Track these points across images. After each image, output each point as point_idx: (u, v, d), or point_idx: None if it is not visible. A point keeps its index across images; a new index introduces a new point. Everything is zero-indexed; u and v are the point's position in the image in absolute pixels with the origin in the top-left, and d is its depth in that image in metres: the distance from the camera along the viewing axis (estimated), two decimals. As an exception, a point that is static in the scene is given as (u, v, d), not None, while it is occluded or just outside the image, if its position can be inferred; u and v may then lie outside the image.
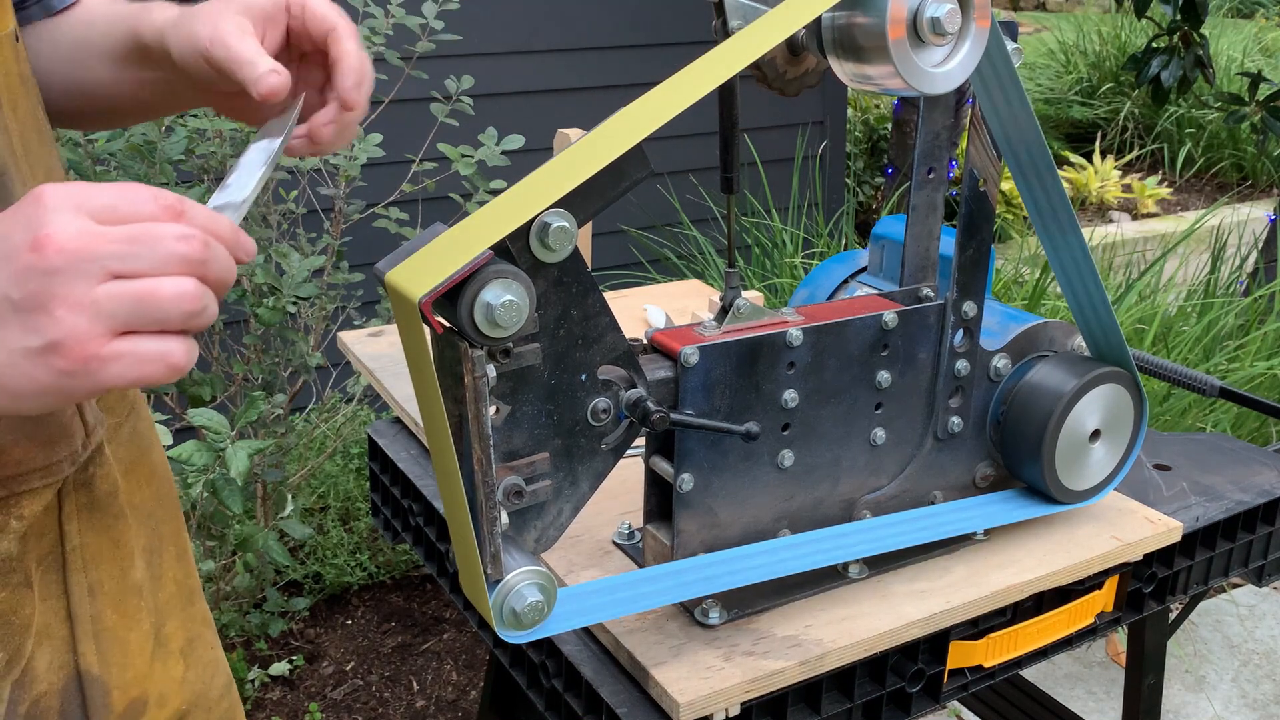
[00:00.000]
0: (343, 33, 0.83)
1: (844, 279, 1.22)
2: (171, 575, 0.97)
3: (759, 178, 3.74)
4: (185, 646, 0.97)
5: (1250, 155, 6.36)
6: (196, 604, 1.01)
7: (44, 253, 0.56)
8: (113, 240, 0.57)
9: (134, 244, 0.58)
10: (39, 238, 0.56)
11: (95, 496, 0.86)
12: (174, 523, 0.99)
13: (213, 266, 0.60)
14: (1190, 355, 3.09)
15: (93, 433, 0.85)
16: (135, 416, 0.95)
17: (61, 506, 0.84)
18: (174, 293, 0.58)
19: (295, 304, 2.10)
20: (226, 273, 0.61)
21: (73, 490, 0.84)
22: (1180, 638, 2.55)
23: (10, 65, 0.79)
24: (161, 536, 0.96)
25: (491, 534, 0.80)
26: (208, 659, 1.01)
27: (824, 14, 0.88)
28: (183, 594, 0.99)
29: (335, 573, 2.57)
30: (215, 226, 0.62)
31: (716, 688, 0.88)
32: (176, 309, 0.58)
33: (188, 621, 0.99)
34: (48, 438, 0.80)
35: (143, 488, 0.94)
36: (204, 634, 1.01)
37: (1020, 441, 1.06)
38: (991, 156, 1.00)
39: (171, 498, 1.00)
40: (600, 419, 0.86)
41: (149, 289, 0.57)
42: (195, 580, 1.02)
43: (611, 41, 3.61)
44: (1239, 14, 9.53)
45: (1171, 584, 1.24)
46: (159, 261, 0.58)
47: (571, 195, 0.77)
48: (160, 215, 0.59)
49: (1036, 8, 10.83)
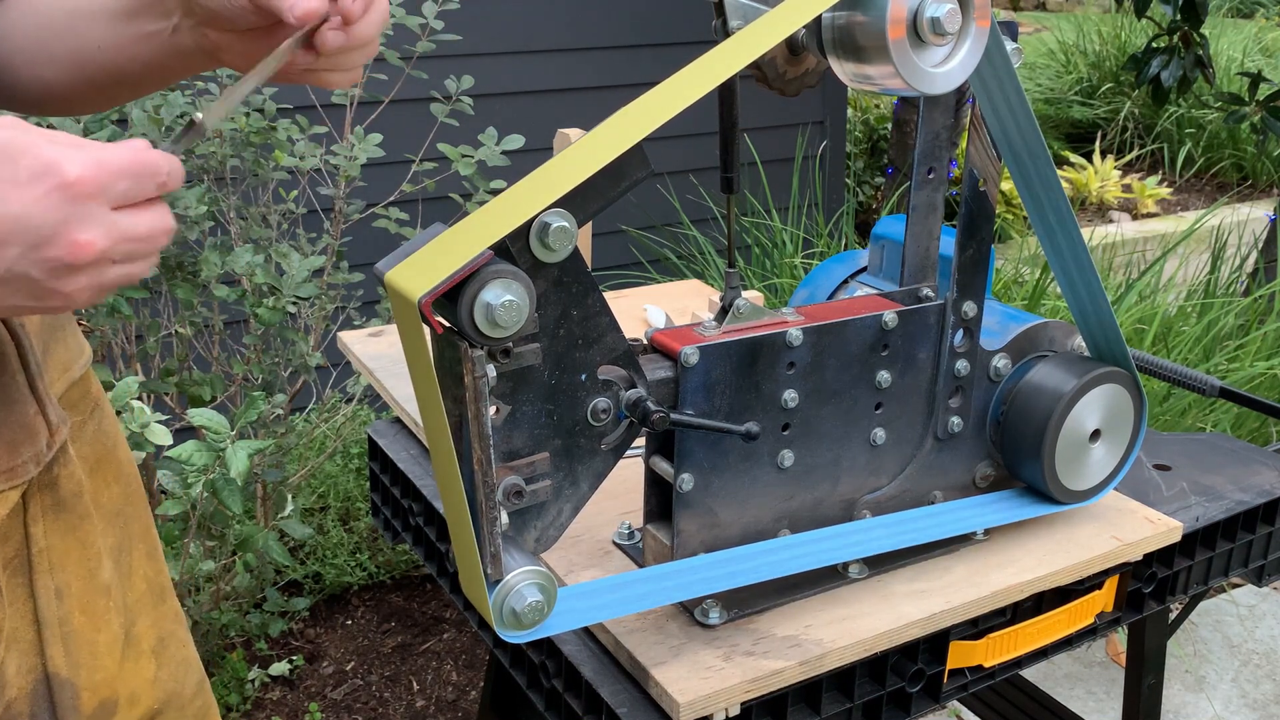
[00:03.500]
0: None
1: (844, 279, 1.22)
2: (141, 574, 0.96)
3: (759, 178, 3.74)
4: (157, 645, 0.96)
5: (1250, 155, 6.36)
6: (168, 602, 1.00)
7: (84, 254, 0.64)
8: (132, 240, 0.66)
9: (145, 243, 0.67)
10: (79, 242, 0.63)
11: (61, 497, 0.85)
12: (143, 521, 0.97)
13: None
14: (1190, 355, 3.09)
15: (56, 432, 0.83)
16: (99, 414, 0.94)
17: (26, 509, 0.82)
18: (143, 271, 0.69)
19: (295, 304, 2.10)
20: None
21: (37, 492, 0.83)
22: (1180, 638, 2.55)
23: None
24: (130, 535, 0.95)
25: (491, 534, 0.80)
26: (180, 657, 0.99)
27: (824, 14, 0.88)
28: (153, 592, 0.97)
29: (335, 573, 2.57)
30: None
31: (716, 688, 0.88)
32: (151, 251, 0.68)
33: (159, 620, 0.97)
34: (11, 440, 0.79)
35: (110, 486, 0.93)
36: (176, 632, 1.00)
37: (1020, 441, 1.06)
38: (991, 156, 1.00)
39: (139, 495, 0.98)
40: (600, 419, 0.86)
41: (138, 273, 0.68)
42: (166, 578, 1.00)
43: (611, 41, 3.61)
44: (1239, 14, 9.53)
45: (1171, 584, 1.24)
46: (150, 253, 0.68)
47: (571, 195, 0.77)
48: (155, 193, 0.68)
49: (1036, 8, 10.83)
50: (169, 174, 0.68)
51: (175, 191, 2.02)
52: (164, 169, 0.67)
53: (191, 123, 0.72)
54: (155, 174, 0.67)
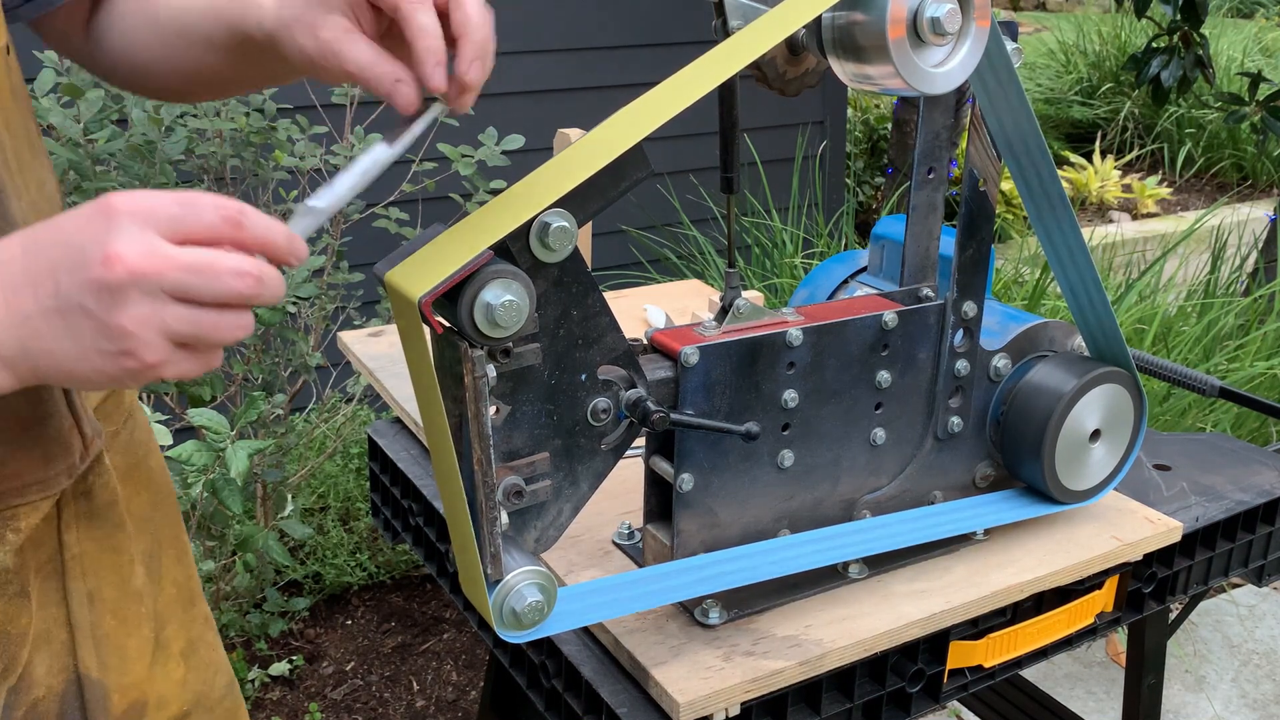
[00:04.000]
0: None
1: (844, 279, 1.22)
2: (171, 578, 0.97)
3: (759, 178, 3.73)
4: (186, 649, 0.98)
5: (1250, 155, 6.36)
6: (197, 605, 1.01)
7: (114, 269, 0.61)
8: (177, 267, 0.63)
9: (195, 274, 0.63)
10: (109, 254, 0.61)
11: (94, 506, 0.86)
12: (173, 526, 0.99)
13: (263, 295, 0.66)
14: (1190, 355, 3.09)
15: (90, 444, 0.85)
16: (133, 423, 0.95)
17: (60, 516, 0.84)
18: (229, 325, 0.65)
19: (295, 304, 2.10)
20: (274, 296, 0.66)
21: (71, 499, 0.84)
22: (1180, 638, 2.54)
23: (2, 80, 0.78)
24: (161, 541, 0.97)
25: (491, 534, 0.80)
26: (209, 660, 1.01)
27: (824, 14, 0.88)
28: (183, 596, 0.99)
29: (335, 573, 2.57)
30: (269, 238, 0.66)
31: (716, 688, 0.88)
32: (230, 336, 0.66)
33: (188, 624, 0.99)
34: (45, 452, 0.80)
35: (141, 493, 0.94)
36: (205, 635, 1.01)
37: (1020, 441, 1.06)
38: (991, 156, 1.00)
39: (170, 501, 1.00)
40: (600, 419, 0.86)
41: (210, 323, 0.65)
42: (195, 582, 1.02)
43: (611, 41, 3.61)
44: (1239, 14, 9.53)
45: (1171, 584, 1.24)
46: (217, 294, 0.64)
47: (571, 195, 0.77)
48: (220, 227, 0.64)
49: (1036, 8, 10.83)
50: (240, 211, 0.65)
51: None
52: (234, 206, 0.65)
53: (306, 207, 0.72)
54: (213, 205, 0.65)
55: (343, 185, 0.73)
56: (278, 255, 0.67)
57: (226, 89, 0.99)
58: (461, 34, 0.76)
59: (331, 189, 0.72)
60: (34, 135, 0.84)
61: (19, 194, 0.78)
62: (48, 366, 0.65)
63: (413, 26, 0.74)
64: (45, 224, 0.65)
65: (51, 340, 0.63)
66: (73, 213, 0.65)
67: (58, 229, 0.64)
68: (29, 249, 0.64)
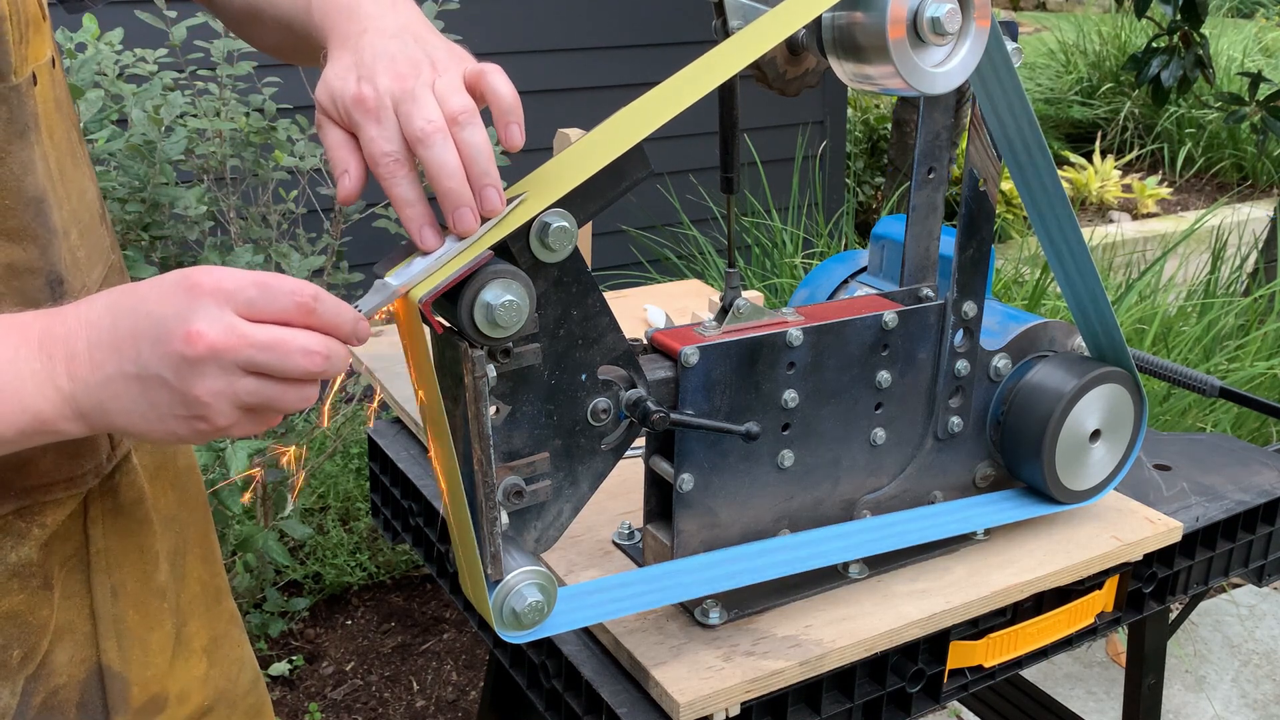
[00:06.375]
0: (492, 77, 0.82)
1: (844, 279, 1.22)
2: (196, 576, 0.99)
3: (759, 178, 3.73)
4: (209, 645, 1.00)
5: (1250, 155, 6.36)
6: (223, 603, 1.04)
7: (194, 346, 0.66)
8: (251, 345, 0.68)
9: (268, 352, 0.68)
10: (190, 332, 0.66)
11: (120, 503, 0.88)
12: (201, 525, 1.01)
13: (329, 371, 0.71)
14: (1190, 355, 3.09)
15: (118, 444, 0.87)
16: None
17: (87, 512, 0.85)
18: (295, 396, 0.71)
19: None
20: (339, 370, 0.72)
21: (98, 497, 0.86)
22: (1180, 638, 2.55)
23: (48, 93, 0.80)
24: (187, 540, 0.98)
25: (491, 534, 0.80)
26: (233, 656, 1.03)
27: (824, 14, 0.88)
28: (208, 594, 1.01)
29: (335, 573, 2.57)
30: (338, 322, 0.71)
31: (716, 688, 0.88)
32: (295, 406, 0.72)
33: (212, 621, 1.01)
34: (74, 450, 0.82)
35: (168, 492, 0.96)
36: (230, 632, 1.04)
37: (1020, 441, 1.06)
38: (991, 156, 1.00)
39: (199, 501, 1.01)
40: (600, 419, 0.86)
41: (277, 394, 0.70)
42: (222, 579, 1.04)
43: (611, 41, 3.61)
44: (1239, 14, 9.53)
45: (1171, 584, 1.24)
46: (286, 370, 0.69)
47: (571, 195, 0.77)
48: (293, 313, 0.69)
49: (1036, 8, 10.83)
50: (314, 297, 0.69)
51: (173, 191, 2.03)
52: (308, 291, 0.69)
53: (381, 283, 0.75)
54: (288, 291, 0.69)
55: (417, 267, 0.75)
56: (343, 337, 0.71)
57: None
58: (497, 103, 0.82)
59: (409, 269, 0.75)
60: (76, 145, 0.87)
61: (60, 204, 0.80)
62: (122, 424, 0.70)
63: (494, 89, 0.83)
64: (128, 289, 0.70)
65: (129, 402, 0.69)
66: (156, 282, 0.69)
67: (141, 298, 0.69)
68: (115, 312, 0.69)
